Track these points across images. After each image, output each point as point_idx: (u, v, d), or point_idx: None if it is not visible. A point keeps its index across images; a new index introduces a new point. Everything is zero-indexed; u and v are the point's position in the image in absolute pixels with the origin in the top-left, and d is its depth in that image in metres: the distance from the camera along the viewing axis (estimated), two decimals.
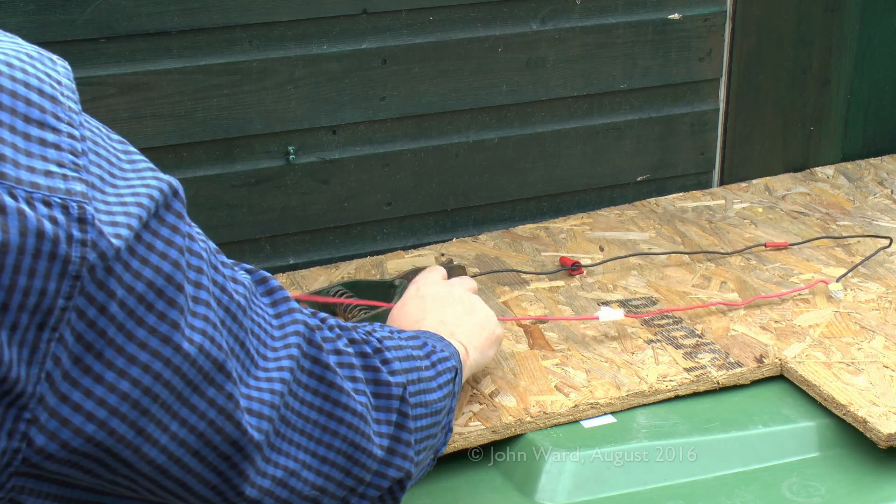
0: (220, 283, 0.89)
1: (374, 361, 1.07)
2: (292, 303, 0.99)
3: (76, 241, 0.76)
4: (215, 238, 1.72)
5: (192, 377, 0.84)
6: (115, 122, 1.61)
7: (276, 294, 0.99)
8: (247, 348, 0.91)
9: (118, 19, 1.57)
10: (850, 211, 1.88)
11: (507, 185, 1.88)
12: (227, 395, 0.87)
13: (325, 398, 0.99)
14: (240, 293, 0.92)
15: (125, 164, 0.84)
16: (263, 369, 0.93)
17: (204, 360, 0.85)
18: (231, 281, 0.91)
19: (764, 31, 1.95)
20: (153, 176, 0.84)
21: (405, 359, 1.12)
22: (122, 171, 0.83)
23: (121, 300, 0.79)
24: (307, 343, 0.98)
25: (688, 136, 1.96)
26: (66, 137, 0.79)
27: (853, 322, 1.54)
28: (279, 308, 0.98)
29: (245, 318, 0.92)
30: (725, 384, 1.44)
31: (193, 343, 0.84)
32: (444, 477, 1.32)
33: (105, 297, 0.78)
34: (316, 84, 1.71)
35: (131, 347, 0.80)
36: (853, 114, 2.06)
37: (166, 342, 0.82)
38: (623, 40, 1.86)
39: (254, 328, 0.93)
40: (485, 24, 1.78)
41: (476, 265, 1.73)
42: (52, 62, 0.82)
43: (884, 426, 1.31)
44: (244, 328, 0.91)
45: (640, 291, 1.64)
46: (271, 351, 0.95)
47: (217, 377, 0.86)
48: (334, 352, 1.02)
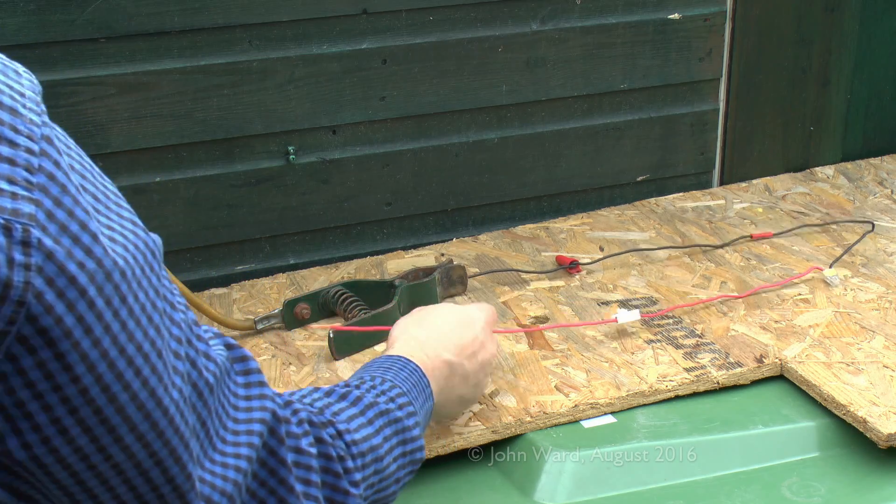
0: (192, 358, 0.86)
1: (336, 467, 1.01)
2: (266, 388, 0.95)
3: (18, 264, 0.71)
4: (215, 238, 1.73)
5: (156, 449, 0.81)
6: (115, 122, 1.61)
7: (251, 376, 0.94)
8: (207, 428, 0.88)
9: (118, 19, 1.57)
10: (850, 211, 1.88)
11: (507, 185, 1.88)
12: (186, 475, 0.84)
13: (270, 492, 0.94)
14: (210, 370, 0.88)
15: (112, 204, 0.80)
16: (221, 452, 0.89)
17: (172, 433, 0.82)
18: (203, 357, 0.88)
19: (764, 31, 1.95)
20: (133, 230, 0.80)
21: (371, 463, 1.06)
22: (107, 209, 0.79)
23: (83, 350, 0.75)
24: (269, 433, 0.94)
25: (688, 136, 1.96)
26: (22, 151, 0.73)
27: (853, 322, 1.54)
28: (251, 391, 0.94)
29: (211, 398, 0.88)
30: (725, 384, 1.44)
31: (167, 414, 0.81)
32: (444, 477, 1.32)
33: (60, 335, 0.74)
34: (316, 84, 1.71)
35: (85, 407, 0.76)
36: (853, 114, 2.06)
37: (140, 409, 0.79)
38: (623, 40, 1.86)
39: (218, 409, 0.89)
40: (485, 24, 1.78)
41: (476, 265, 1.73)
42: (16, 74, 0.78)
43: (884, 426, 1.31)
44: (208, 407, 0.88)
45: (640, 291, 1.64)
46: (231, 434, 0.91)
47: (182, 455, 0.83)
48: (294, 450, 0.97)
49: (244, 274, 1.75)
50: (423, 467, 1.31)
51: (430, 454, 1.32)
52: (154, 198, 1.67)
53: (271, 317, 1.56)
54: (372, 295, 1.59)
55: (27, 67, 0.83)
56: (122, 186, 1.69)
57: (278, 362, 1.49)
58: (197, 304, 1.47)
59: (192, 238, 1.71)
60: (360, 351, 1.50)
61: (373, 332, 1.51)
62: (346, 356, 1.49)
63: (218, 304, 1.65)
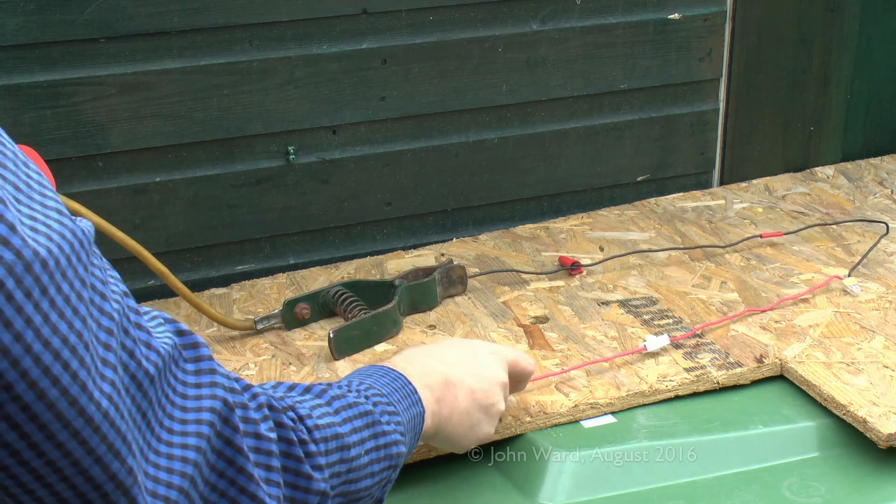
0: (129, 348, 0.83)
1: (297, 451, 0.98)
2: (217, 376, 0.91)
3: None
4: (215, 238, 1.73)
5: (94, 446, 0.78)
6: (115, 122, 1.61)
7: (202, 363, 0.91)
8: (148, 420, 0.84)
9: (118, 19, 1.57)
10: (851, 211, 1.88)
11: (507, 185, 1.88)
12: (127, 468, 0.80)
13: (230, 482, 0.91)
14: (151, 360, 0.85)
15: (36, 194, 0.77)
16: (167, 443, 0.86)
17: (108, 427, 0.79)
18: (144, 345, 0.85)
19: (764, 31, 1.95)
20: (58, 219, 0.77)
21: (336, 450, 1.03)
22: (30, 199, 0.76)
23: (4, 345, 0.72)
24: (222, 422, 0.91)
25: (688, 136, 1.96)
26: None
27: (853, 322, 1.54)
28: (201, 378, 0.90)
29: (151, 388, 0.84)
30: (725, 384, 1.44)
31: (100, 408, 0.78)
32: (444, 477, 1.32)
33: None
34: (316, 84, 1.71)
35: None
36: (853, 114, 2.06)
37: (72, 404, 0.76)
38: (623, 40, 1.86)
39: (161, 399, 0.86)
40: (485, 24, 1.78)
41: (476, 265, 1.73)
42: None
43: (884, 426, 1.31)
44: (148, 398, 0.84)
45: (640, 291, 1.64)
46: (179, 424, 0.87)
47: (122, 449, 0.80)
48: (253, 435, 0.94)
49: (244, 274, 1.75)
50: (424, 467, 1.32)
51: (430, 454, 1.32)
52: (154, 198, 1.67)
53: (271, 317, 1.56)
54: (372, 295, 1.59)
55: (27, 67, 0.82)
56: (122, 186, 1.71)
57: (278, 362, 1.49)
58: (197, 305, 1.46)
59: (192, 238, 1.72)
60: (360, 351, 1.50)
61: (373, 332, 1.51)
62: (346, 356, 1.49)
63: (218, 304, 1.65)
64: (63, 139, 1.59)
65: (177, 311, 1.61)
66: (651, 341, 1.47)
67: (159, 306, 1.63)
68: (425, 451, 1.31)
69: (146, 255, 1.35)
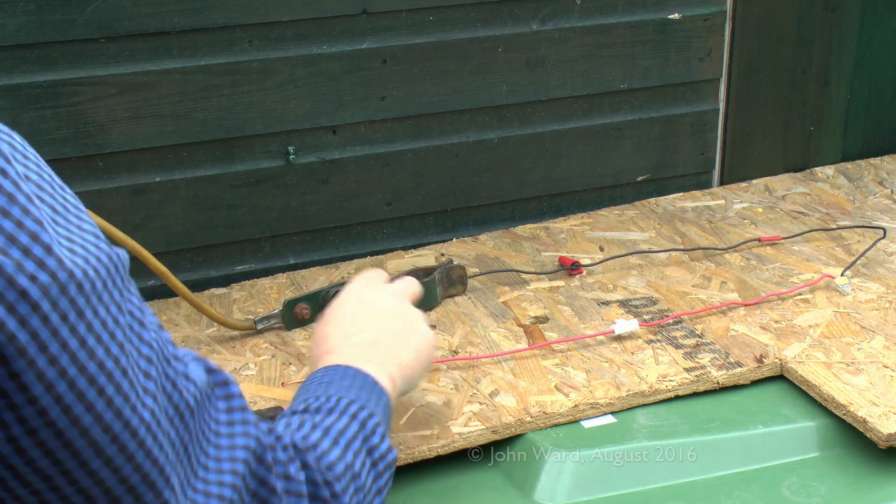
0: (172, 378, 0.82)
1: (324, 492, 0.97)
2: (248, 414, 0.91)
3: None
4: (215, 238, 1.73)
5: (126, 474, 0.77)
6: (115, 122, 1.61)
7: (233, 401, 0.90)
8: (189, 454, 0.84)
9: (118, 19, 1.57)
10: (850, 211, 1.88)
11: (507, 185, 1.88)
12: (162, 502, 0.80)
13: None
14: (190, 392, 0.84)
15: (72, 217, 0.77)
16: (203, 481, 0.85)
17: (144, 457, 0.78)
18: (183, 377, 0.84)
19: (764, 31, 1.95)
20: (95, 243, 0.76)
21: (350, 481, 1.02)
22: (67, 221, 0.76)
23: (39, 369, 0.72)
24: (256, 461, 0.90)
25: (688, 136, 1.96)
26: None
27: (853, 322, 1.54)
28: (233, 416, 0.90)
29: (192, 420, 0.84)
30: (725, 384, 1.44)
31: (136, 436, 0.77)
32: (444, 477, 1.32)
33: (13, 352, 0.70)
34: (316, 84, 1.71)
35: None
36: (853, 114, 2.06)
37: (106, 431, 0.75)
38: (623, 40, 1.86)
39: (199, 434, 0.85)
40: (485, 24, 1.78)
41: (476, 265, 1.73)
42: None
43: (884, 426, 1.31)
44: (190, 431, 0.84)
45: (640, 291, 1.64)
46: (214, 462, 0.87)
47: (157, 481, 0.79)
48: (283, 476, 0.93)
49: (244, 274, 1.75)
50: (424, 467, 1.32)
51: (430, 454, 1.32)
52: (154, 198, 1.67)
53: (271, 317, 1.56)
54: None
55: (27, 67, 0.82)
56: (122, 186, 1.71)
57: (278, 362, 1.49)
58: (197, 305, 1.46)
59: (192, 238, 1.72)
60: None
61: None
62: None
63: (218, 304, 1.65)
64: (63, 139, 1.59)
65: (177, 311, 1.61)
66: (620, 325, 1.50)
67: (159, 306, 1.63)
68: (425, 450, 1.31)
69: (146, 255, 1.35)
